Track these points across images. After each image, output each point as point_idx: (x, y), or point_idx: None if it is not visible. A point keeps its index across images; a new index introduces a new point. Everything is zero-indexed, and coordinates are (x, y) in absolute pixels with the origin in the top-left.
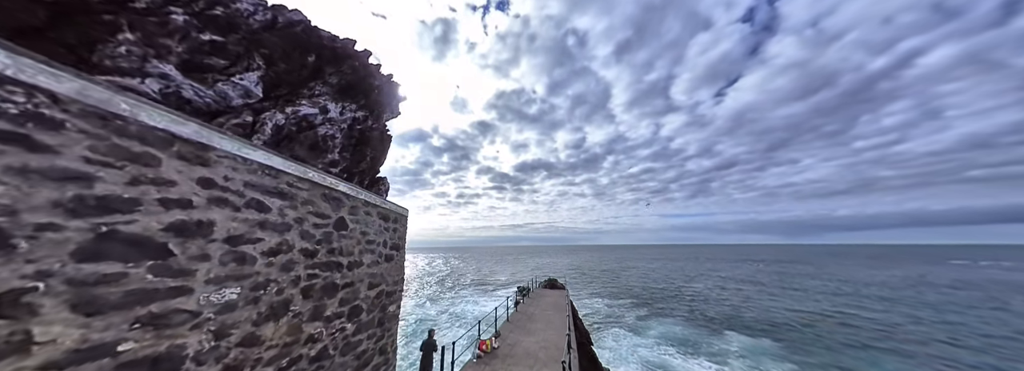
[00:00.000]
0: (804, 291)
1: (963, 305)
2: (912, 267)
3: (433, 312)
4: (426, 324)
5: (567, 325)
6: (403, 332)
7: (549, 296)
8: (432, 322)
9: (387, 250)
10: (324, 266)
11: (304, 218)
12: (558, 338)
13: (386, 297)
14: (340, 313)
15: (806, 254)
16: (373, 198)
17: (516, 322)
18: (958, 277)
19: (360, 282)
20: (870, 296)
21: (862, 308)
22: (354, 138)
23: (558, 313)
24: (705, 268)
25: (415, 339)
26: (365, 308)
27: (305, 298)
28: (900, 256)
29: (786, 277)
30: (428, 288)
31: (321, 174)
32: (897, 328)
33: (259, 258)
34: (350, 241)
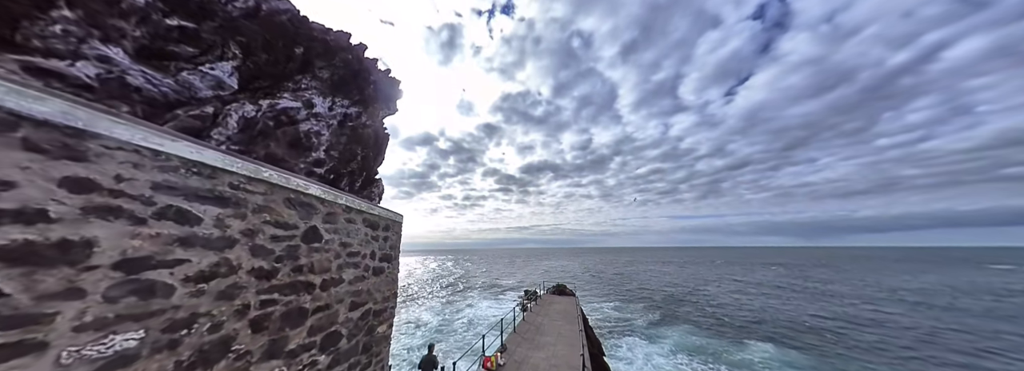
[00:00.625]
0: (829, 296)
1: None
2: (949, 272)
3: (436, 320)
4: (428, 332)
5: (581, 339)
6: (404, 345)
7: (558, 303)
8: (433, 329)
9: (375, 262)
10: (287, 289)
11: (257, 230)
12: (570, 354)
13: (374, 317)
14: (310, 344)
15: (827, 257)
16: (357, 202)
17: (523, 333)
18: (1007, 283)
19: (339, 303)
20: (904, 301)
21: (898, 315)
22: (344, 135)
23: (569, 323)
24: (718, 272)
25: (416, 350)
26: (345, 334)
27: (256, 332)
28: (931, 259)
29: (808, 281)
30: (433, 292)
31: (283, 174)
32: (938, 335)
33: (179, 287)
34: (325, 255)
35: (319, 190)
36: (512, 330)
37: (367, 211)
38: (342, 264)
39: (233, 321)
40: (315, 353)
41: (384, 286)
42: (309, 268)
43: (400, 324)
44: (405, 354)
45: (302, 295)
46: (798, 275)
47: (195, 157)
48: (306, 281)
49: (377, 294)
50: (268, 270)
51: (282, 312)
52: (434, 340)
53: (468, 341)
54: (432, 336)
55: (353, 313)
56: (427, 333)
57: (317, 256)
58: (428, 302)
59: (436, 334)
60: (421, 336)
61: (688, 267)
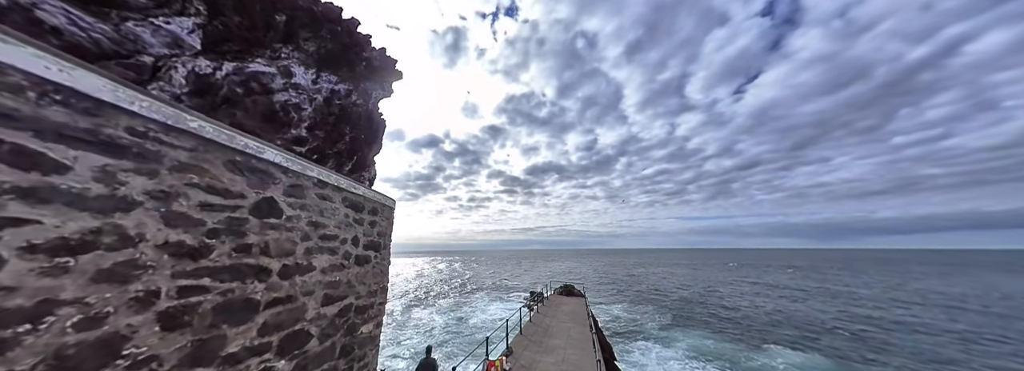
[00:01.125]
0: (852, 299)
1: None
2: (978, 275)
3: (441, 320)
4: (433, 333)
5: (593, 342)
6: (400, 350)
7: (566, 304)
8: (439, 329)
9: (359, 250)
10: (226, 273)
11: (178, 193)
12: (582, 359)
13: (356, 314)
14: (262, 346)
15: (845, 259)
16: (334, 178)
17: (530, 336)
18: None
19: (307, 296)
20: (934, 305)
21: (928, 319)
22: (332, 114)
23: (578, 325)
24: (732, 274)
25: (412, 352)
26: (316, 334)
27: (171, 329)
28: (956, 262)
29: (827, 284)
30: (441, 293)
31: (225, 129)
32: (973, 342)
33: (13, 259)
34: (287, 235)
35: (279, 156)
36: (519, 332)
37: (349, 190)
38: (312, 248)
39: (127, 314)
40: (270, 358)
41: (370, 278)
42: (262, 249)
43: (407, 324)
44: (408, 355)
45: (251, 282)
46: (816, 278)
47: (63, 79)
48: (257, 265)
49: (360, 287)
50: (194, 247)
51: (217, 303)
52: (434, 342)
53: (472, 343)
54: (442, 338)
55: (327, 308)
56: (433, 335)
57: (275, 235)
58: (436, 302)
59: (441, 335)
60: (428, 337)
61: (700, 269)
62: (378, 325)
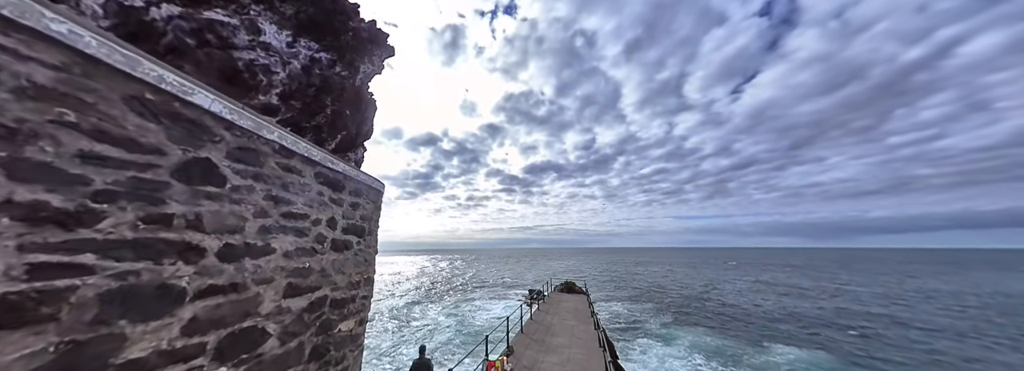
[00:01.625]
0: (850, 297)
1: None
2: (973, 275)
3: (439, 320)
4: (429, 332)
5: (599, 341)
6: (395, 351)
7: (568, 301)
8: (434, 330)
9: (336, 234)
10: (126, 249)
11: (37, 133)
12: (588, 358)
13: (332, 308)
14: (191, 349)
15: (841, 258)
16: (304, 146)
17: (532, 334)
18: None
19: (262, 284)
20: (931, 302)
21: (926, 316)
22: (312, 85)
23: (582, 323)
24: (729, 272)
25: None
26: (275, 332)
27: (12, 327)
28: (951, 261)
29: (824, 281)
30: (436, 291)
31: (115, 45)
32: (969, 339)
33: None
34: (231, 208)
35: (218, 103)
36: (519, 330)
37: (323, 164)
38: (271, 227)
39: None
40: (202, 365)
41: (351, 267)
42: (191, 222)
43: (407, 324)
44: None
45: (170, 264)
46: (814, 276)
47: None
48: (183, 242)
49: (338, 277)
50: (67, 212)
51: (108, 291)
52: (435, 342)
53: (471, 343)
54: (442, 337)
55: (292, 301)
56: (432, 333)
57: (212, 207)
58: (437, 301)
59: (441, 334)
60: (427, 336)
61: (698, 268)
62: (361, 322)
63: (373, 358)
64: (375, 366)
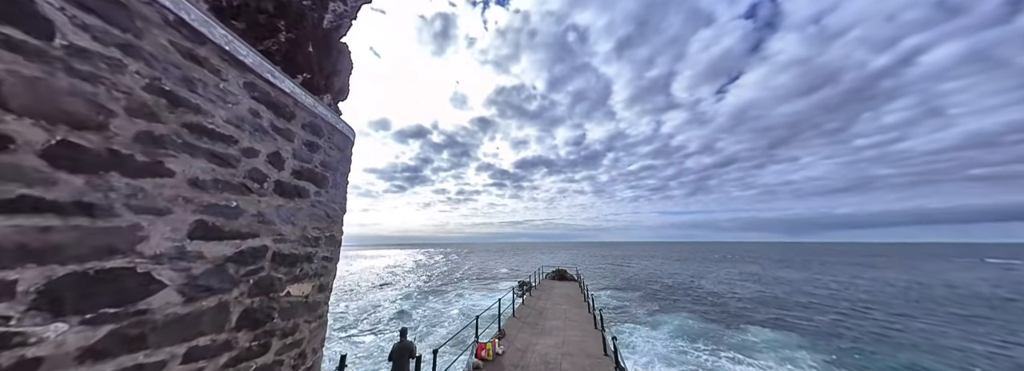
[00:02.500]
0: (819, 286)
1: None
2: (925, 266)
3: (420, 311)
4: (415, 322)
5: (594, 322)
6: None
7: (560, 288)
8: (420, 319)
9: (283, 175)
10: None
11: None
12: (584, 339)
13: (276, 265)
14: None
15: (810, 252)
16: (223, 34)
17: (524, 318)
18: (983, 275)
19: (145, 214)
20: (887, 292)
21: (882, 303)
22: (263, 9)
23: (576, 307)
24: (709, 265)
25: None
26: (174, 282)
27: None
28: (907, 254)
29: (796, 273)
30: (428, 282)
31: None
32: (911, 322)
33: None
34: (71, 82)
35: None
36: (511, 314)
37: (260, 72)
38: (162, 138)
39: None
40: (10, 315)
41: (305, 219)
42: None
43: (397, 313)
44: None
45: None
46: (788, 268)
47: None
48: None
49: (286, 227)
50: None
51: None
52: (423, 330)
53: (460, 332)
54: (432, 325)
55: (206, 245)
56: (421, 321)
57: (27, 69)
58: (428, 291)
59: (431, 322)
60: (414, 322)
61: (682, 261)
62: (322, 289)
63: (361, 354)
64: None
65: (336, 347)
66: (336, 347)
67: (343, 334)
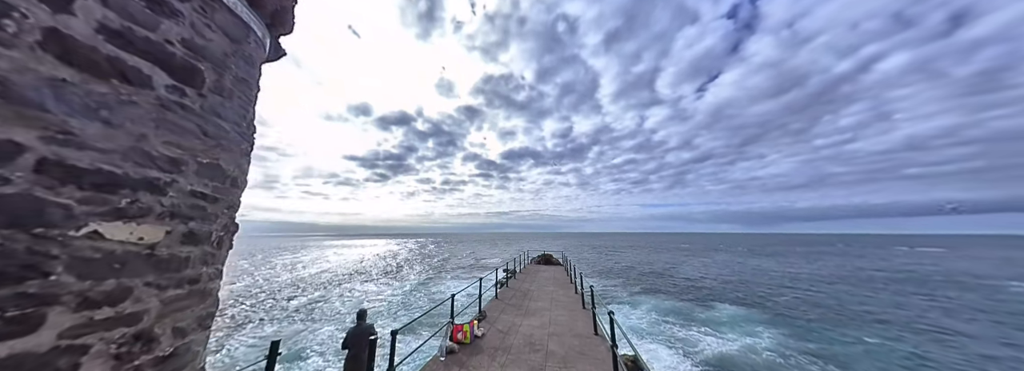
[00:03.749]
0: (782, 271)
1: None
2: (869, 253)
3: (396, 298)
4: (393, 309)
5: (583, 302)
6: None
7: (546, 271)
8: (399, 303)
9: (63, 19)
10: None
11: None
12: (572, 319)
13: (57, 183)
14: None
15: (773, 242)
16: None
17: (507, 300)
18: (907, 261)
19: None
20: (837, 276)
21: (832, 285)
22: None
23: (562, 288)
24: (684, 254)
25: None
26: None
27: None
28: (854, 243)
29: (760, 260)
30: (401, 271)
31: None
32: (852, 302)
33: None
34: None
35: None
36: (493, 296)
37: None
38: None
39: None
40: None
41: (148, 124)
42: None
43: (367, 299)
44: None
45: None
46: (754, 256)
47: None
48: None
49: (81, 122)
50: None
51: None
52: (395, 313)
53: (431, 310)
54: (411, 309)
55: None
56: (394, 306)
57: None
58: (407, 279)
59: (398, 309)
60: (399, 310)
61: (661, 251)
62: (193, 240)
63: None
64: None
65: (307, 341)
66: (307, 341)
67: (303, 326)
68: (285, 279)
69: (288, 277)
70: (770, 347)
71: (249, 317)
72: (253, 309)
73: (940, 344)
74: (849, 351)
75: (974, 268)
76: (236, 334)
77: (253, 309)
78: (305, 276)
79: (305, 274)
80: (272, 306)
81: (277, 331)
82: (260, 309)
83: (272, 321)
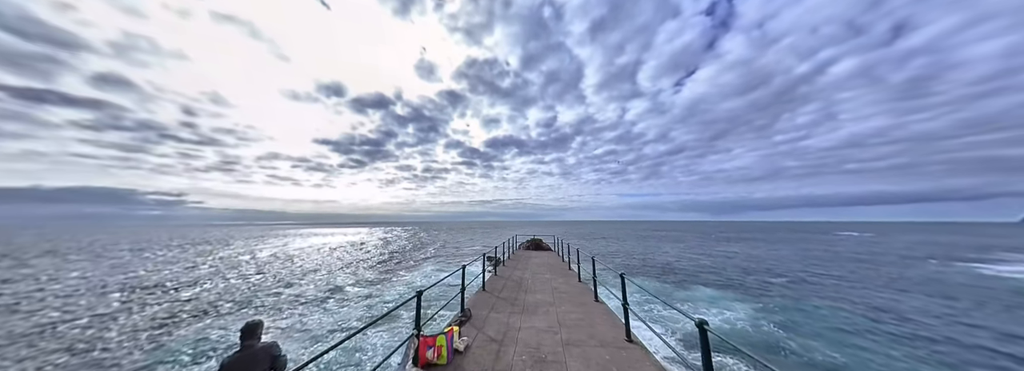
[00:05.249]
0: (749, 256)
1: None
2: (813, 238)
3: (356, 290)
4: (365, 309)
5: (595, 293)
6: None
7: (538, 257)
8: (369, 306)
9: None
10: None
11: None
12: (588, 318)
13: None
14: None
15: (735, 229)
16: None
17: (497, 292)
18: (846, 244)
19: None
20: (790, 258)
21: (788, 266)
22: None
23: (561, 276)
24: (660, 240)
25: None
26: None
27: None
28: (800, 230)
29: (727, 245)
30: (386, 261)
31: None
32: (805, 281)
33: None
34: None
35: None
36: (480, 288)
37: None
38: None
39: None
40: None
41: None
42: None
43: (336, 297)
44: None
45: None
46: (719, 241)
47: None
48: None
49: None
50: None
51: None
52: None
53: (393, 311)
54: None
55: None
56: (341, 305)
57: None
58: (370, 267)
59: (356, 307)
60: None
61: (639, 238)
62: None
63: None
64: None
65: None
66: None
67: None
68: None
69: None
70: (743, 318)
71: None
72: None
73: (857, 303)
74: (804, 319)
75: (893, 249)
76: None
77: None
78: (244, 264)
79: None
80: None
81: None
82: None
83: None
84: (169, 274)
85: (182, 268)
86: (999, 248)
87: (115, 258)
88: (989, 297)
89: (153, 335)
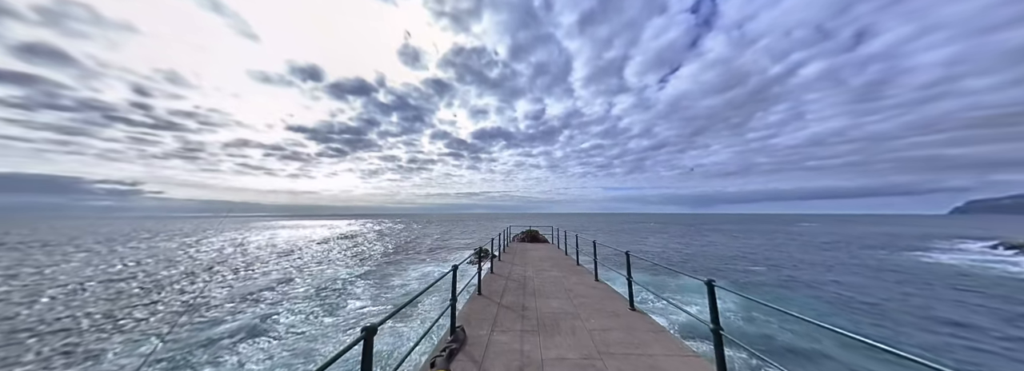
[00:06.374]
0: (727, 246)
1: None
2: (782, 229)
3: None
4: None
5: (632, 300)
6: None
7: (536, 250)
8: (360, 316)
9: None
10: None
11: None
12: (632, 338)
13: None
14: None
15: (712, 221)
16: None
17: (497, 296)
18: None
19: None
20: (762, 247)
21: (759, 254)
22: None
23: (574, 274)
24: (646, 232)
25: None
26: None
27: None
28: (766, 221)
29: (706, 236)
30: (353, 258)
31: None
32: (784, 264)
33: None
34: None
35: None
36: (476, 291)
37: None
38: None
39: None
40: None
41: None
42: None
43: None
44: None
45: None
46: (700, 233)
47: None
48: None
49: None
50: None
51: None
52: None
53: (339, 357)
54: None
55: None
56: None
57: None
58: (347, 265)
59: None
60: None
61: (626, 231)
62: None
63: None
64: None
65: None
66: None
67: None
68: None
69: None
70: (731, 308)
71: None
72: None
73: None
74: (792, 304)
75: (847, 239)
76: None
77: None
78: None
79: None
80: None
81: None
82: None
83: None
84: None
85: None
86: (935, 237)
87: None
88: (935, 279)
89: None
